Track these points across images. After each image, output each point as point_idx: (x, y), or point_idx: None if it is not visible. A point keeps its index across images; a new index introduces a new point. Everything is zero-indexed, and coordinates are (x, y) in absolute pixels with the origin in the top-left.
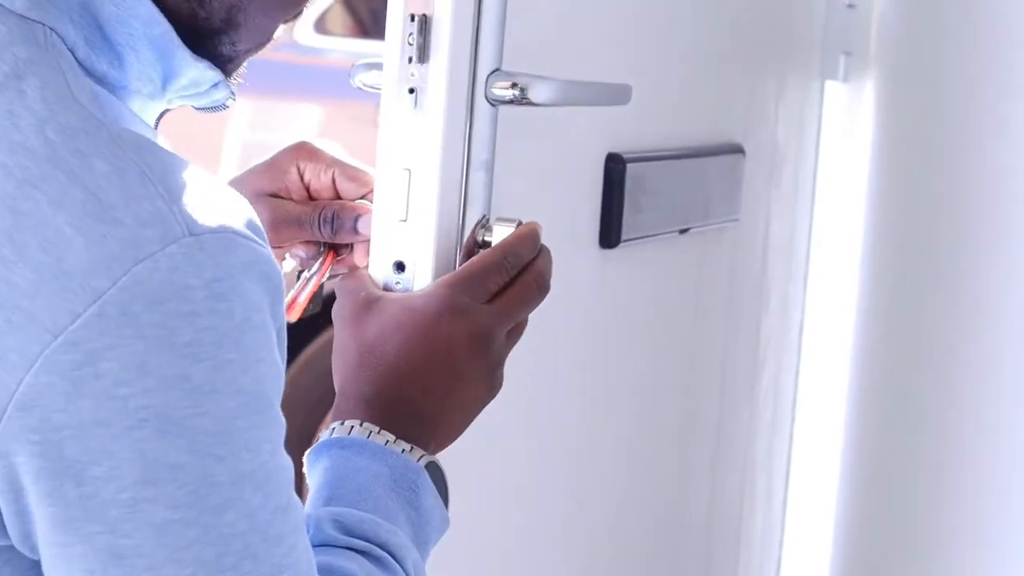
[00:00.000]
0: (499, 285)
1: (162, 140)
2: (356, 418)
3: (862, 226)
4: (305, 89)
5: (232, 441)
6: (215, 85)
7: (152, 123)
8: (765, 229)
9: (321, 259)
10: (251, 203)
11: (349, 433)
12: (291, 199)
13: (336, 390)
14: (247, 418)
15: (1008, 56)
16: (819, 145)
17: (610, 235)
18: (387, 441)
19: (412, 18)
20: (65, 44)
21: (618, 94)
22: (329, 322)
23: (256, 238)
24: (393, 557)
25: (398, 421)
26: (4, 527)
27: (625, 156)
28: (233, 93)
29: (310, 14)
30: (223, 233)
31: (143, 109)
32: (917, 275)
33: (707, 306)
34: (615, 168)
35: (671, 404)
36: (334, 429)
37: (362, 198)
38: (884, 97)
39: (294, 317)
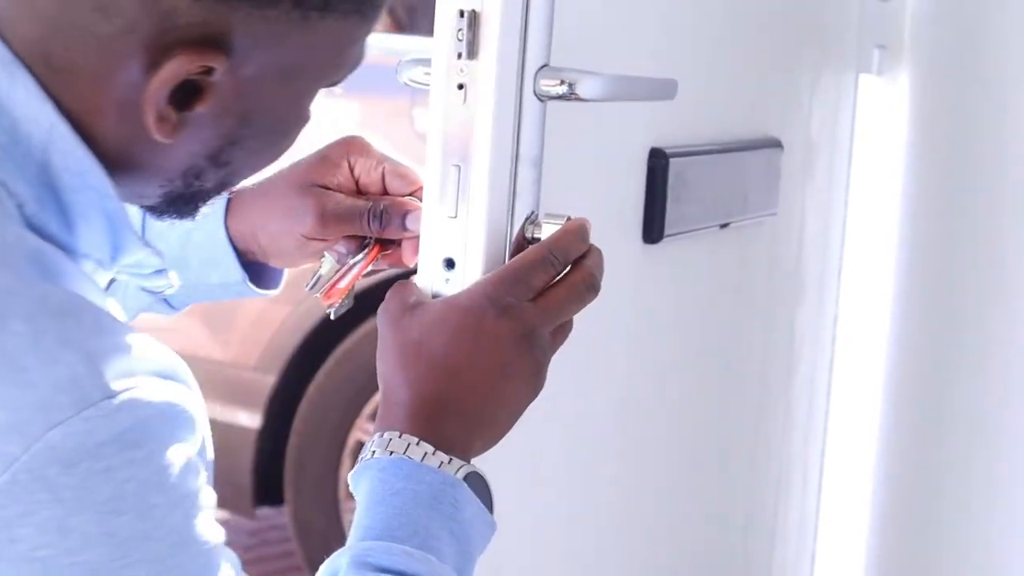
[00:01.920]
0: (544, 282)
1: (112, 303)
2: (396, 428)
3: (897, 219)
4: (341, 85)
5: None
6: (157, 272)
7: (104, 286)
8: (801, 223)
9: (367, 251)
10: (300, 193)
11: (387, 447)
12: (340, 191)
13: (381, 391)
14: (179, 554)
15: None
16: (853, 138)
17: (653, 230)
18: (425, 454)
19: (461, 14)
20: (14, 200)
21: (664, 89)
22: (366, 315)
23: (166, 380)
24: None
25: (441, 424)
26: None
27: (667, 151)
28: (172, 284)
29: None
30: (135, 388)
31: (95, 272)
32: (952, 268)
33: (746, 301)
34: (658, 163)
35: (712, 399)
36: (374, 445)
37: (410, 195)
38: (918, 90)
39: (331, 303)
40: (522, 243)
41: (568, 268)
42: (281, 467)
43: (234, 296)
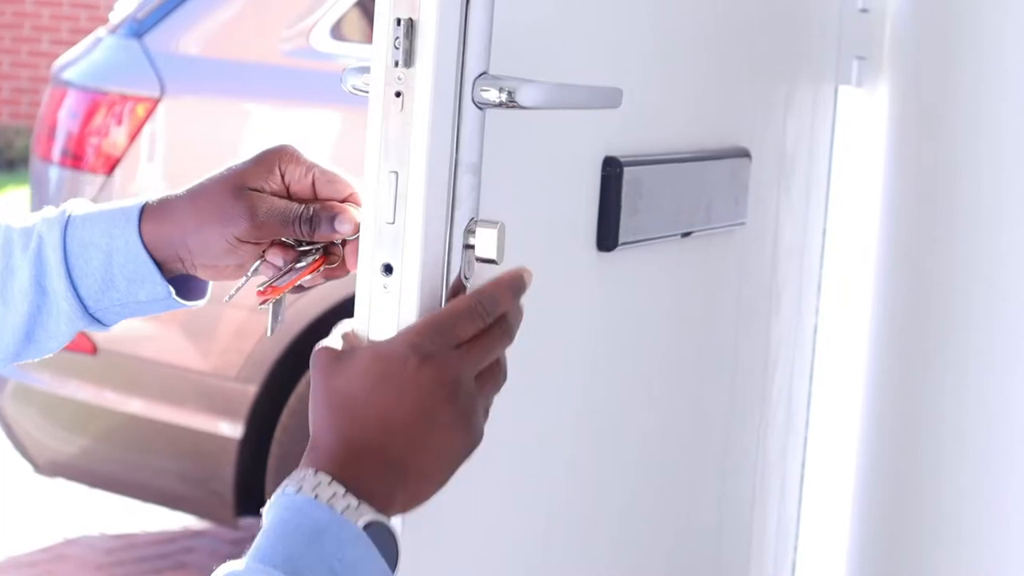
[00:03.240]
0: (471, 333)
1: None
2: (314, 467)
3: (876, 230)
4: (322, 95)
5: None
6: None
7: None
8: (775, 233)
9: (311, 259)
10: (234, 195)
11: (298, 484)
12: (274, 196)
13: (311, 436)
14: None
15: (1023, 60)
16: (832, 149)
17: (607, 238)
18: (333, 494)
19: (398, 22)
20: None
21: (608, 97)
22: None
23: None
24: None
25: (359, 469)
26: None
27: (622, 159)
28: None
29: (327, 20)
30: None
31: None
32: (931, 278)
33: (714, 309)
34: (612, 171)
35: (677, 409)
36: (288, 481)
37: (343, 201)
38: (897, 101)
39: (264, 299)
40: (463, 251)
41: None
42: (263, 477)
43: (163, 311)
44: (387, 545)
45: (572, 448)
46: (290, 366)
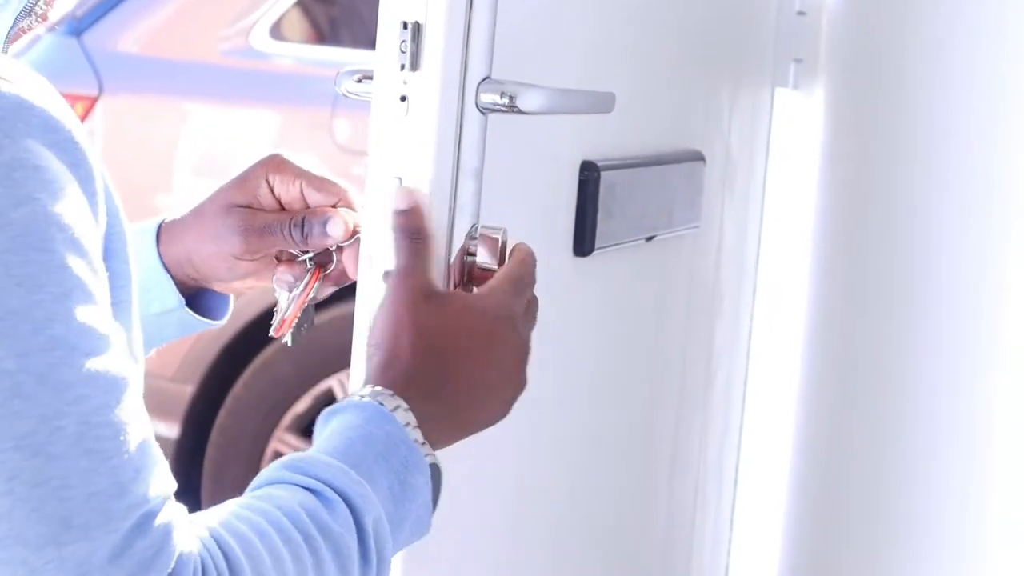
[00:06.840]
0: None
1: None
2: (391, 387)
3: (811, 233)
4: (261, 95)
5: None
6: None
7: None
8: (719, 236)
9: (307, 277)
10: (224, 214)
11: (376, 397)
12: (263, 210)
13: (376, 358)
14: (20, 253)
15: (958, 64)
16: (769, 152)
17: (584, 243)
18: (407, 423)
19: (405, 26)
20: None
21: (602, 102)
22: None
23: (34, 88)
24: (348, 505)
25: (430, 407)
26: None
27: (599, 164)
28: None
29: (266, 20)
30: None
31: None
32: (865, 280)
33: (667, 314)
34: (590, 176)
35: (635, 411)
36: (362, 391)
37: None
38: (834, 104)
39: (284, 335)
40: (463, 258)
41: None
42: (199, 477)
43: (177, 326)
44: (435, 488)
45: (539, 448)
46: (226, 367)
